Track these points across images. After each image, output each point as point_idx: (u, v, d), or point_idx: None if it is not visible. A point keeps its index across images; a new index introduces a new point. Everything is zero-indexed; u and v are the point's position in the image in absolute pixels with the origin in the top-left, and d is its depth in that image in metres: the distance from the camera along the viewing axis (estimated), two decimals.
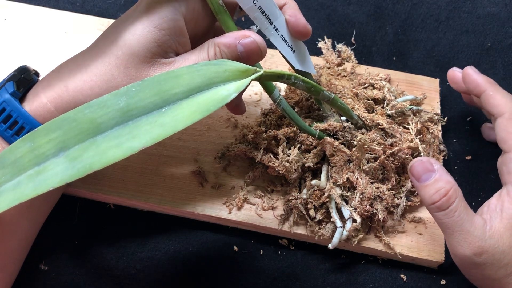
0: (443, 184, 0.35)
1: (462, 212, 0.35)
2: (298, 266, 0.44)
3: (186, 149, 0.47)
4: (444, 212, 0.35)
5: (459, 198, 0.35)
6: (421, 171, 0.36)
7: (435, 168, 0.36)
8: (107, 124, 0.28)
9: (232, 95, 0.30)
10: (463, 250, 0.35)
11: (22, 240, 0.41)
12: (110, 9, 0.60)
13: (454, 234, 0.35)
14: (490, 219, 0.36)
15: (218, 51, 0.35)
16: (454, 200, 0.35)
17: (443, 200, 0.35)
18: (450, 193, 0.35)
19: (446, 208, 0.35)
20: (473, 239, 0.34)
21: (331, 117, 0.44)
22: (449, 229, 0.35)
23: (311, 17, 0.60)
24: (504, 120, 0.40)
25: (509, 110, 0.40)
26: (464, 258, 0.35)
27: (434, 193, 0.35)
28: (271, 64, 0.53)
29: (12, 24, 0.55)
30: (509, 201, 0.36)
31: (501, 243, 0.35)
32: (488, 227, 0.35)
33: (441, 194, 0.35)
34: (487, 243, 0.34)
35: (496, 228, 0.35)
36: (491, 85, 0.43)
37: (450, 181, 0.36)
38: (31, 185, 0.26)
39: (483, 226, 0.35)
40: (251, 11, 0.35)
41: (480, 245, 0.34)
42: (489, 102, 0.42)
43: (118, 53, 0.34)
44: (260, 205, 0.44)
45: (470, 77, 0.44)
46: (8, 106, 0.35)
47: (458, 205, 0.35)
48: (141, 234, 0.45)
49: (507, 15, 0.60)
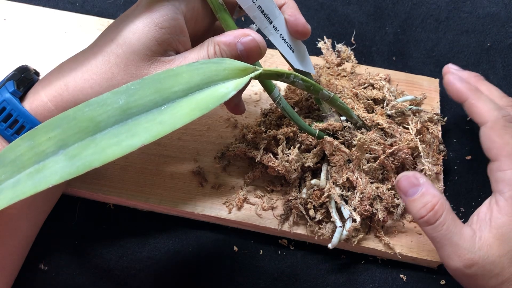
0: (429, 198, 0.35)
1: (451, 225, 0.35)
2: (298, 266, 0.44)
3: (186, 149, 0.47)
4: (432, 227, 0.35)
5: (446, 211, 0.35)
6: (407, 185, 0.36)
7: (421, 183, 0.36)
8: (107, 122, 0.28)
9: (231, 93, 0.30)
10: (454, 263, 0.35)
11: (22, 240, 0.41)
12: (110, 9, 0.61)
13: (444, 248, 0.35)
14: (480, 229, 0.35)
15: (218, 49, 0.35)
16: (441, 214, 0.35)
17: (429, 214, 0.35)
18: (437, 207, 0.35)
19: (434, 222, 0.35)
20: (462, 252, 0.34)
21: (330, 116, 0.44)
22: (438, 243, 0.35)
23: (311, 17, 0.60)
24: (487, 129, 0.39)
25: (491, 119, 0.39)
26: (456, 270, 0.35)
27: (421, 208, 0.35)
28: (271, 64, 0.53)
29: (12, 24, 0.56)
30: (498, 211, 0.36)
31: (491, 253, 0.34)
32: (477, 238, 0.35)
33: (428, 209, 0.35)
34: (476, 255, 0.34)
35: (486, 238, 0.35)
36: (473, 92, 0.41)
37: (436, 194, 0.35)
38: (30, 183, 0.26)
39: (472, 237, 0.35)
40: (251, 10, 0.35)
41: (470, 257, 0.34)
42: (472, 110, 0.41)
43: (119, 51, 0.34)
44: (260, 205, 0.44)
45: (453, 86, 0.43)
46: (8, 105, 0.35)
47: (446, 218, 0.35)
48: (141, 234, 0.45)
49: (507, 15, 0.60)
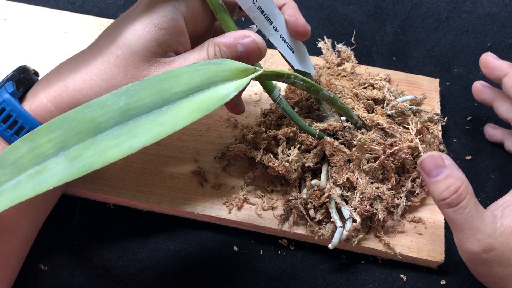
0: (453, 180, 0.35)
1: (473, 209, 0.34)
2: (298, 266, 0.44)
3: (186, 149, 0.47)
4: (454, 209, 0.34)
5: (469, 194, 0.35)
6: (431, 166, 0.35)
7: (446, 164, 0.35)
8: (107, 123, 0.28)
9: (231, 94, 0.30)
10: (472, 246, 0.34)
11: (22, 240, 0.41)
12: (110, 9, 0.60)
13: (464, 231, 0.35)
14: (502, 216, 0.35)
15: (218, 50, 0.35)
16: (464, 197, 0.34)
17: (453, 197, 0.34)
18: (461, 190, 0.34)
19: (456, 205, 0.34)
20: (482, 236, 0.34)
21: (331, 117, 0.44)
22: (458, 226, 0.35)
23: (311, 17, 0.60)
24: None
25: None
26: (473, 255, 0.35)
27: (444, 190, 0.35)
28: (271, 64, 0.53)
29: (12, 24, 0.55)
30: None
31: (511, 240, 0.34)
32: (499, 223, 0.35)
33: (451, 191, 0.34)
34: (497, 240, 0.34)
35: (508, 225, 0.35)
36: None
37: (461, 177, 0.35)
38: (31, 184, 0.26)
39: (494, 222, 0.35)
40: (251, 10, 0.35)
41: (490, 242, 0.34)
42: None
43: (118, 52, 0.34)
44: (260, 205, 0.44)
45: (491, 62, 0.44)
46: (8, 106, 0.35)
47: (469, 202, 0.34)
48: (141, 234, 0.45)
49: (507, 15, 0.60)
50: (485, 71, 0.46)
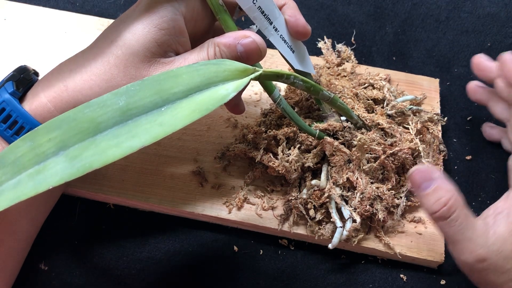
0: (443, 193, 0.35)
1: (464, 221, 0.34)
2: (298, 266, 0.44)
3: (186, 149, 0.47)
4: (445, 222, 0.35)
5: (460, 207, 0.35)
6: (420, 179, 0.36)
7: (435, 177, 0.35)
8: (107, 123, 0.28)
9: (231, 94, 0.30)
10: (465, 257, 0.34)
11: (22, 240, 0.42)
12: (110, 9, 0.60)
13: (456, 243, 0.35)
14: (494, 223, 0.35)
15: (217, 50, 0.35)
16: (454, 210, 0.34)
17: (443, 209, 0.34)
18: (451, 203, 0.34)
19: (447, 217, 0.34)
20: (475, 247, 0.34)
21: (331, 117, 0.44)
22: (450, 238, 0.35)
23: (311, 17, 0.60)
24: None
25: None
26: (467, 265, 0.35)
27: (434, 203, 0.35)
28: (271, 64, 0.53)
29: (12, 24, 0.56)
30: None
31: (504, 248, 0.34)
32: (491, 232, 0.35)
33: (441, 204, 0.34)
34: (489, 250, 0.34)
35: (500, 233, 0.34)
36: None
37: (450, 190, 0.35)
38: (31, 184, 0.26)
39: (486, 232, 0.34)
40: (251, 11, 0.35)
41: (482, 253, 0.34)
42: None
43: (118, 52, 0.34)
44: (260, 205, 0.44)
45: (483, 64, 0.45)
46: (8, 106, 0.35)
47: (459, 214, 0.34)
48: (141, 234, 0.45)
49: (507, 15, 0.60)
50: (477, 73, 0.47)
